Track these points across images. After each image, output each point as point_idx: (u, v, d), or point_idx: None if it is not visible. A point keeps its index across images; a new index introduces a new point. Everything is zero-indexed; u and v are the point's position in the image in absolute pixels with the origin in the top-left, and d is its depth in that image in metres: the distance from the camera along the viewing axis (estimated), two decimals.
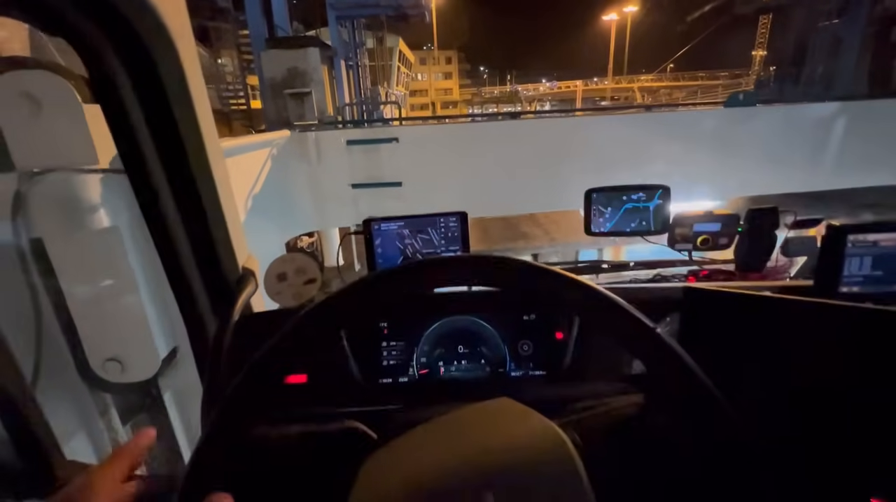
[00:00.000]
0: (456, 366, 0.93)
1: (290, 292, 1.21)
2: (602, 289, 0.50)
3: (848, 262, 0.77)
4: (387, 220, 1.06)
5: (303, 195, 3.82)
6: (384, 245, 1.07)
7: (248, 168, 3.16)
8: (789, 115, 4.14)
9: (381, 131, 3.79)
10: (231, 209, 0.91)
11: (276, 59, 8.80)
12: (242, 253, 0.95)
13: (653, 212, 1.09)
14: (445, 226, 1.07)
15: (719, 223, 1.18)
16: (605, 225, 1.11)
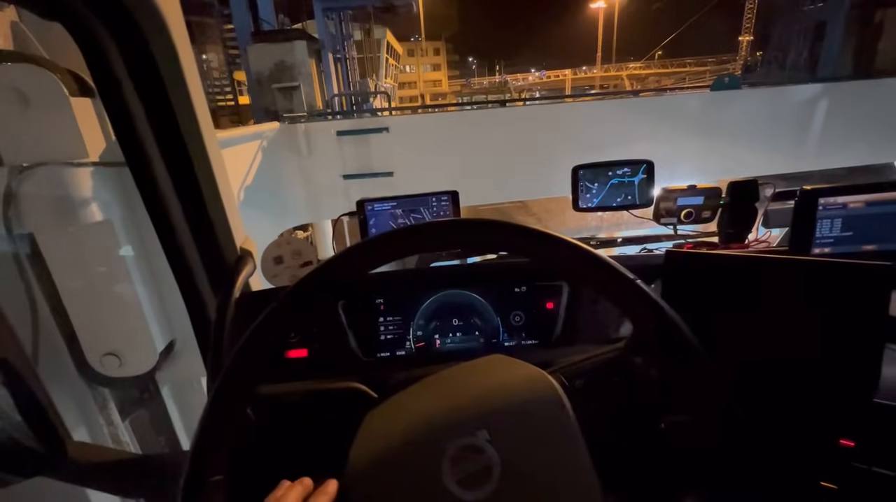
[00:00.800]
0: (451, 338, 0.97)
1: (287, 274, 1.23)
2: (587, 247, 0.53)
3: (819, 225, 0.82)
4: (380, 201, 1.09)
5: (294, 187, 3.82)
6: (378, 225, 1.10)
7: (237, 161, 3.16)
8: (773, 97, 4.20)
9: (371, 121, 3.79)
10: (228, 192, 0.93)
11: (263, 54, 8.69)
12: (240, 234, 0.97)
13: (637, 186, 1.13)
14: (437, 205, 1.10)
15: (702, 196, 1.22)
16: (592, 200, 1.15)
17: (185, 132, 0.79)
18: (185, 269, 0.88)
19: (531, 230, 0.53)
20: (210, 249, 0.89)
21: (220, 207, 0.87)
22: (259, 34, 9.26)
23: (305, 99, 8.31)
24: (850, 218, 0.80)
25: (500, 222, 0.55)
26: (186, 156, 0.80)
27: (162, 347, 1.13)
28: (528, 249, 0.52)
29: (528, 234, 0.53)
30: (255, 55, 8.63)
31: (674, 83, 40.89)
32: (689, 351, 0.47)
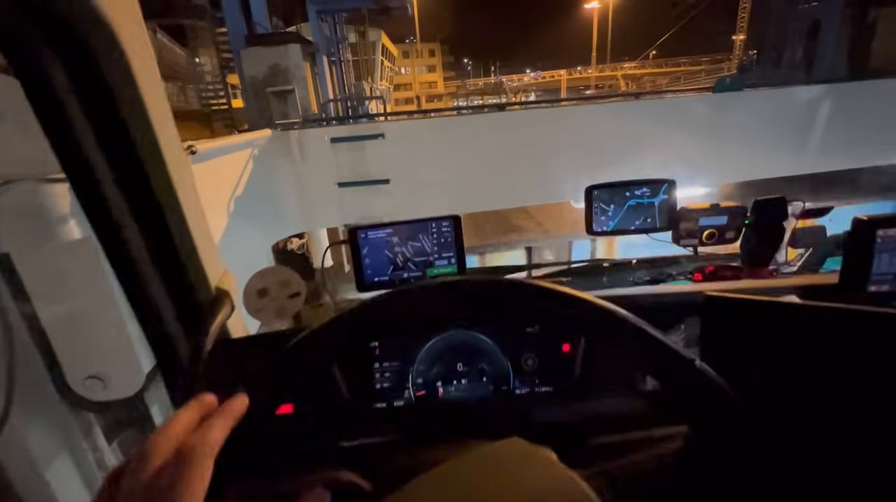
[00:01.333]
0: (455, 385, 0.86)
1: (273, 308, 1.12)
2: (636, 320, 0.43)
3: (878, 259, 0.72)
4: (374, 228, 0.98)
5: (288, 196, 3.70)
6: (372, 254, 0.99)
7: (228, 170, 3.04)
8: (776, 98, 4.12)
9: (366, 127, 3.68)
10: (200, 224, 0.82)
11: (257, 57, 8.58)
12: (216, 270, 0.86)
13: (658, 207, 1.02)
14: (438, 232, 0.99)
15: (725, 216, 1.12)
16: (607, 223, 1.04)
17: (146, 164, 0.67)
18: (150, 316, 0.77)
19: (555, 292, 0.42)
20: (180, 291, 0.78)
21: (191, 245, 0.76)
22: (252, 37, 9.15)
23: (300, 102, 8.21)
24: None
25: (524, 283, 0.45)
26: (148, 192, 0.69)
27: (149, 368, 1.04)
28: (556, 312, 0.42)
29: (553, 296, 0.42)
30: (248, 59, 8.52)
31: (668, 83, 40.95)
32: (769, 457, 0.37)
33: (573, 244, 7.05)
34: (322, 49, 10.72)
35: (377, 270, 1.00)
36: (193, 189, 0.82)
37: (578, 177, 4.13)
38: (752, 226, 1.16)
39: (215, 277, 0.84)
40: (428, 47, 45.83)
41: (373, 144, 3.59)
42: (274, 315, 1.13)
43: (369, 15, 13.08)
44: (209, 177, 2.74)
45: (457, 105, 43.96)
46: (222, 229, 2.78)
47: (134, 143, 0.65)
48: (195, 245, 0.77)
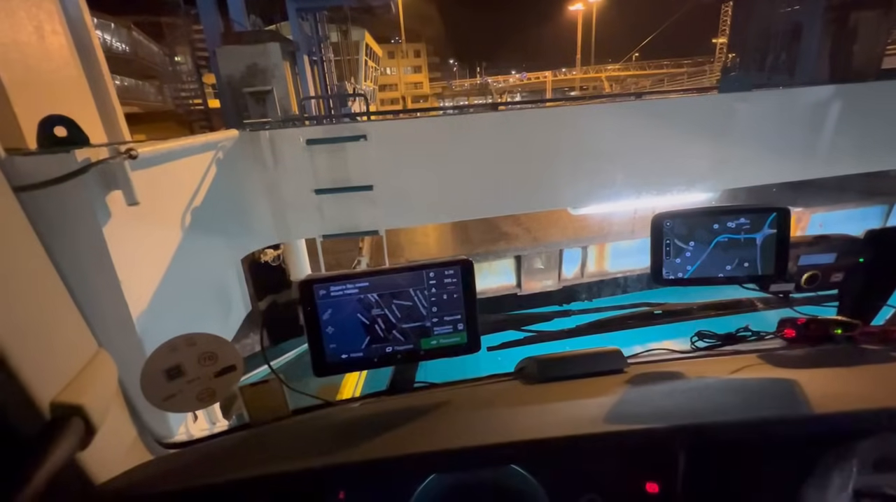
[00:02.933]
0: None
1: (193, 392, 0.76)
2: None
3: None
4: (340, 280, 0.63)
5: (258, 205, 3.32)
6: (337, 322, 0.64)
7: (187, 175, 2.66)
8: (785, 98, 3.88)
9: (346, 128, 3.32)
10: (34, 299, 0.46)
11: (234, 56, 8.14)
12: (63, 368, 0.51)
13: (760, 247, 0.70)
14: (438, 283, 0.65)
15: (835, 253, 0.81)
16: (684, 268, 0.72)
17: None
18: None
19: None
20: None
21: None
22: (229, 36, 8.75)
23: (279, 103, 7.80)
24: None
25: None
26: None
27: None
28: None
29: None
30: (225, 58, 8.08)
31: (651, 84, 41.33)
32: None
33: (563, 253, 6.77)
34: (303, 48, 10.32)
35: (346, 344, 0.65)
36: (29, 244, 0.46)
37: (577, 181, 3.83)
38: (865, 265, 0.85)
39: (60, 379, 0.49)
40: (413, 48, 45.53)
41: (354, 147, 3.23)
42: (196, 400, 0.78)
43: (352, 14, 12.69)
44: (160, 184, 2.35)
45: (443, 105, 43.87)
46: (176, 245, 2.38)
47: None
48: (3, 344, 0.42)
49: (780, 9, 14.55)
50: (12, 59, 1.98)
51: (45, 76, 2.20)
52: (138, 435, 0.65)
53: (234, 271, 3.41)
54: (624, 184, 3.89)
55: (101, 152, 1.82)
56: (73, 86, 2.42)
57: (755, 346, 0.86)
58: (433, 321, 0.66)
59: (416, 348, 0.66)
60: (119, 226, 1.83)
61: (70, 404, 0.48)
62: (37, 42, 2.22)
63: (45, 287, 0.52)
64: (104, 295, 1.62)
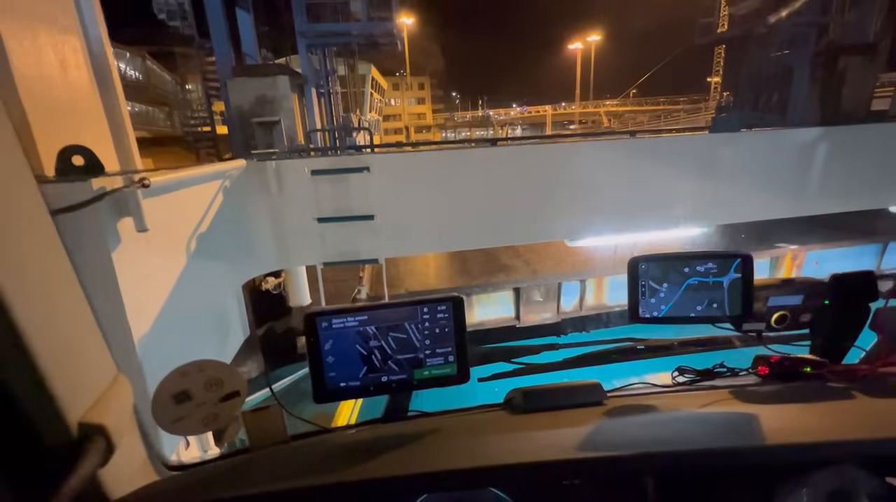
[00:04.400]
0: None
1: (199, 416, 0.81)
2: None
3: None
4: (341, 313, 0.69)
5: (262, 232, 3.40)
6: (338, 352, 0.70)
7: (195, 202, 2.75)
8: (774, 139, 4.04)
9: (350, 160, 3.44)
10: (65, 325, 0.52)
11: (244, 88, 8.46)
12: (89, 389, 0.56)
13: (728, 290, 0.76)
14: (431, 318, 0.71)
15: (801, 295, 0.87)
16: (658, 307, 0.78)
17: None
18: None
19: None
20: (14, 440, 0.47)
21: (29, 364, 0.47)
22: (241, 68, 9.08)
23: (286, 133, 8.04)
24: None
25: None
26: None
27: None
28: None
29: None
30: (235, 89, 8.40)
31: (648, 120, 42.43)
32: None
33: (562, 286, 6.81)
34: (311, 81, 10.68)
35: (345, 373, 0.70)
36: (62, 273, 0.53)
37: (573, 215, 3.93)
38: (831, 307, 0.91)
39: (84, 402, 0.54)
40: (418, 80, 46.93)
41: (357, 178, 3.34)
42: (202, 424, 0.82)
43: (360, 49, 13.18)
44: (169, 212, 2.43)
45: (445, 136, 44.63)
46: (180, 270, 2.45)
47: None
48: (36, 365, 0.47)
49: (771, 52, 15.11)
50: (36, 91, 2.10)
51: (65, 107, 2.33)
52: (147, 456, 0.70)
53: (235, 296, 3.46)
54: (619, 218, 4.00)
55: (115, 180, 1.91)
56: (91, 116, 2.54)
57: (730, 382, 0.91)
58: (426, 353, 0.71)
59: (410, 378, 0.72)
60: (128, 252, 1.90)
61: (95, 424, 0.54)
62: (60, 75, 2.35)
63: (75, 311, 0.58)
64: (109, 312, 1.67)
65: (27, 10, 2.13)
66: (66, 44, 2.39)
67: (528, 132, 47.83)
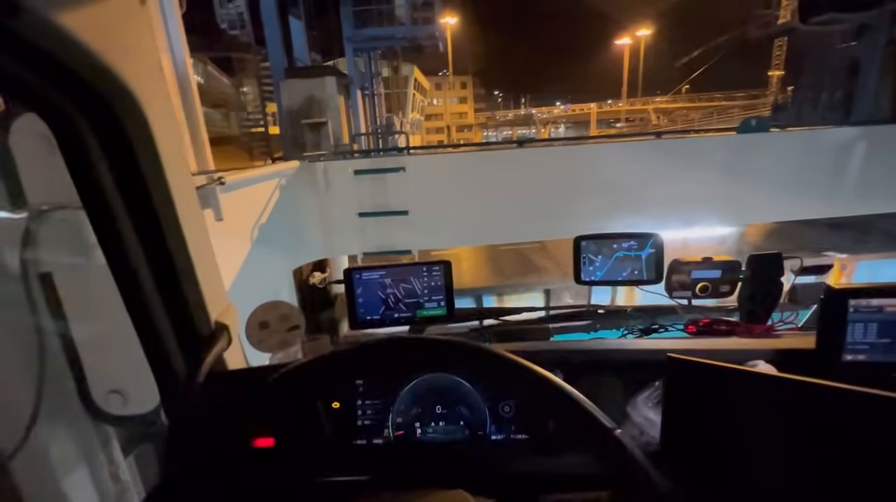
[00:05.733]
0: (433, 427, 0.89)
1: (275, 340, 1.18)
2: (561, 384, 0.46)
3: (851, 328, 0.71)
4: (368, 269, 1.04)
5: (311, 224, 3.85)
6: (365, 294, 1.04)
7: (257, 199, 3.22)
8: (804, 140, 4.04)
9: (388, 161, 3.83)
10: (206, 264, 0.89)
11: (295, 89, 9.14)
12: (219, 304, 0.93)
13: (645, 260, 1.04)
14: (429, 275, 1.04)
15: (719, 270, 1.13)
16: (595, 273, 1.07)
17: (162, 218, 0.76)
18: (155, 343, 0.84)
19: (495, 355, 0.46)
20: (182, 323, 0.85)
21: (194, 281, 0.84)
22: (292, 70, 9.76)
23: (332, 133, 8.61)
24: (887, 323, 0.70)
25: (463, 344, 0.49)
26: (157, 230, 0.77)
27: None
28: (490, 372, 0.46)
29: (493, 360, 0.46)
30: (287, 90, 9.09)
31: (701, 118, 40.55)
32: None
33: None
34: (356, 83, 11.25)
35: (370, 309, 1.05)
36: (202, 233, 0.90)
37: (598, 214, 4.13)
38: (748, 280, 1.16)
39: (216, 311, 0.91)
40: (460, 80, 47.12)
41: (394, 177, 3.73)
42: (275, 346, 1.19)
43: (403, 51, 13.67)
44: (238, 205, 2.90)
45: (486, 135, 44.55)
46: (246, 253, 2.91)
47: (148, 192, 0.74)
48: (198, 282, 0.84)
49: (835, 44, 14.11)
50: None
51: None
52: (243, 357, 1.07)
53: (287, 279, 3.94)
54: (644, 217, 4.15)
55: (199, 179, 2.37)
56: None
57: (665, 337, 1.17)
58: (425, 299, 1.04)
59: (413, 316, 1.04)
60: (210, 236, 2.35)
61: (223, 323, 0.91)
62: None
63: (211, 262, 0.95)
64: None
65: None
66: None
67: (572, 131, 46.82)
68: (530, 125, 50.05)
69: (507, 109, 57.57)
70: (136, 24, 0.71)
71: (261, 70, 12.46)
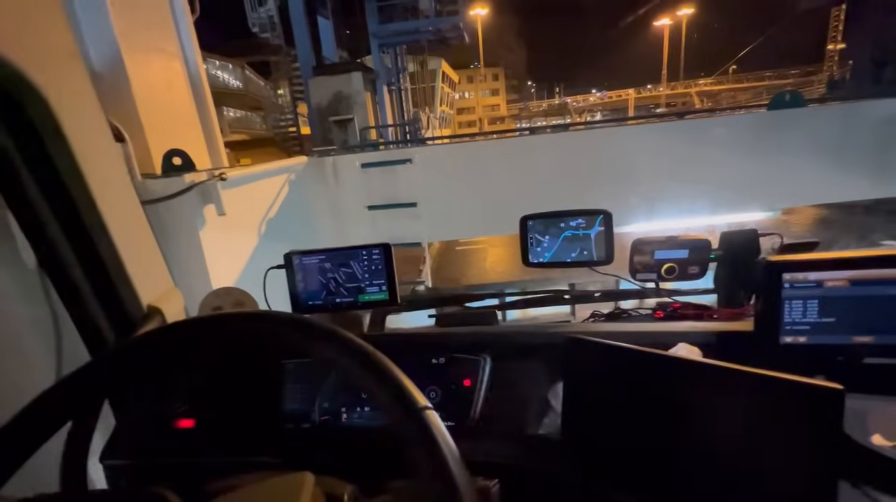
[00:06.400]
0: (359, 412, 0.87)
1: None
2: (370, 350, 0.43)
3: (788, 307, 0.63)
4: (308, 254, 1.03)
5: (322, 218, 3.91)
6: (306, 279, 1.03)
7: (267, 192, 3.29)
8: (844, 114, 3.68)
9: (394, 153, 3.83)
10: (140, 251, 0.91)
11: (323, 85, 9.35)
12: (155, 289, 0.95)
13: (594, 239, 0.97)
14: (368, 259, 1.02)
15: (686, 250, 1.03)
16: (543, 254, 1.01)
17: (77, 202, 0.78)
18: (86, 327, 0.86)
19: (303, 322, 0.43)
20: (112, 308, 0.87)
21: (120, 268, 0.85)
22: (320, 68, 9.97)
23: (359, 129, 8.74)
24: (829, 300, 0.61)
25: (269, 314, 0.46)
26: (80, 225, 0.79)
27: None
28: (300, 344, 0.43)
29: (300, 328, 0.43)
30: (315, 87, 9.31)
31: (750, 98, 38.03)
32: None
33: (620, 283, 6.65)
34: (383, 78, 11.34)
35: (312, 295, 1.04)
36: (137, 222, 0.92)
37: (616, 202, 3.94)
38: (722, 261, 1.06)
39: (151, 295, 0.93)
40: (492, 72, 46.57)
41: (401, 169, 3.72)
42: None
43: (429, 45, 13.64)
44: (245, 199, 2.97)
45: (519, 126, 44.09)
46: (253, 247, 2.98)
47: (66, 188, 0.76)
48: (125, 269, 0.86)
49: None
50: (149, 107, 2.72)
51: (170, 117, 2.95)
52: None
53: None
54: (667, 204, 3.93)
55: (202, 175, 2.44)
56: (189, 123, 3.17)
57: (628, 323, 1.09)
58: (366, 283, 1.02)
59: (356, 300, 1.02)
60: (211, 230, 2.43)
61: (156, 306, 0.92)
62: (166, 92, 2.98)
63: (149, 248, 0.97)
64: (197, 274, 2.20)
65: (144, 43, 2.75)
66: (171, 68, 3.03)
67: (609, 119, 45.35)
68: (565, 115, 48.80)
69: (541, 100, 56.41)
70: (48, 22, 0.73)
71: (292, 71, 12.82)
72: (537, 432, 0.75)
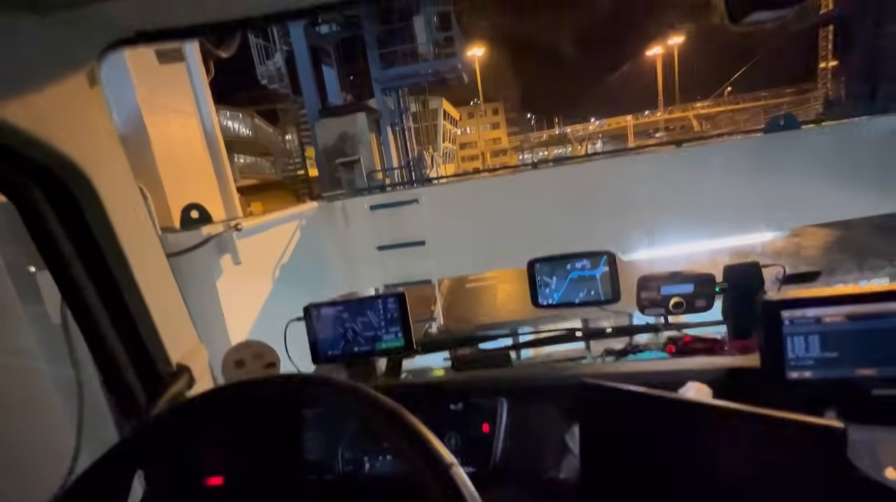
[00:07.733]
0: (381, 461, 0.88)
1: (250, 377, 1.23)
2: (399, 410, 0.46)
3: (791, 343, 0.65)
4: (327, 306, 1.07)
5: (333, 261, 3.98)
6: (325, 330, 1.07)
7: (279, 239, 3.38)
8: (844, 133, 3.74)
9: (401, 194, 3.93)
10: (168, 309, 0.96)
11: (328, 127, 9.71)
12: (184, 347, 0.99)
13: (600, 280, 1.01)
14: (384, 308, 1.06)
15: (691, 283, 1.06)
16: (552, 296, 1.04)
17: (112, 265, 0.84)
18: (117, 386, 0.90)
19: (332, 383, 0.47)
20: (143, 367, 0.91)
21: (151, 326, 0.90)
22: (326, 110, 10.38)
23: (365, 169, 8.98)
24: (829, 335, 0.63)
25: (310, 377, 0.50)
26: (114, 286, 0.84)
27: None
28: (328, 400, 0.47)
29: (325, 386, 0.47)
30: (321, 129, 9.66)
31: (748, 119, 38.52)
32: None
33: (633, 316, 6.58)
34: (386, 119, 11.76)
35: (330, 345, 1.08)
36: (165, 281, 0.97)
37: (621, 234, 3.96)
38: (727, 294, 1.09)
39: (180, 353, 0.97)
40: (491, 107, 47.92)
41: (409, 209, 3.81)
42: None
43: (429, 86, 14.16)
44: (258, 248, 3.04)
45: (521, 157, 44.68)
46: (267, 294, 3.03)
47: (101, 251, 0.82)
48: (155, 327, 0.91)
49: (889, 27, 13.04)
50: (168, 163, 2.86)
51: (187, 172, 3.10)
52: None
53: None
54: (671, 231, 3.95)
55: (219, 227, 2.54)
56: (204, 176, 3.32)
57: (642, 358, 1.10)
58: (382, 332, 1.06)
59: (372, 349, 1.06)
60: (228, 279, 2.49)
61: (185, 364, 0.97)
62: (183, 148, 3.14)
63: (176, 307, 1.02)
64: (214, 322, 2.25)
65: (163, 104, 2.93)
66: (188, 126, 3.21)
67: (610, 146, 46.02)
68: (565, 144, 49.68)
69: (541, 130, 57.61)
70: (87, 105, 0.82)
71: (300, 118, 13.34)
72: (557, 475, 0.76)
